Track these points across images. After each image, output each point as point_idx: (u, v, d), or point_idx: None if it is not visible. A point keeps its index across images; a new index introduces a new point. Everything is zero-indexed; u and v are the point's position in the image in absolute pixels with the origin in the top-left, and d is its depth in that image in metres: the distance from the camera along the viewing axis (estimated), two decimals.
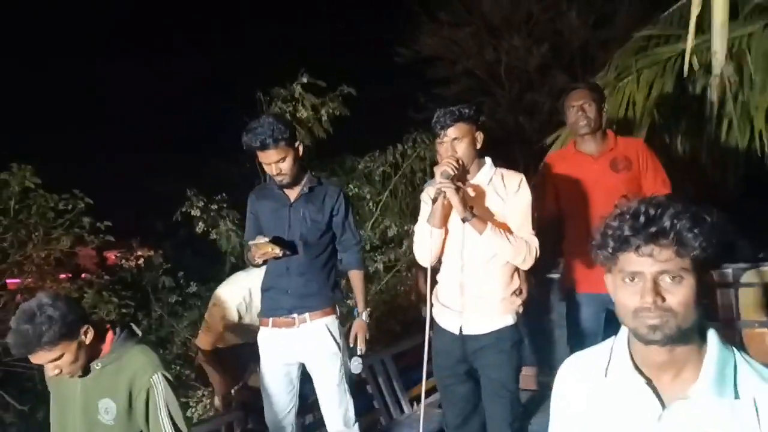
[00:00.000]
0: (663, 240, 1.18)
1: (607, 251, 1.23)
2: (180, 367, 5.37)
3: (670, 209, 1.19)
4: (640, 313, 1.21)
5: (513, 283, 2.52)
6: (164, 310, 5.73)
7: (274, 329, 2.83)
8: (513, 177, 2.53)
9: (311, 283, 2.79)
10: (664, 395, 1.26)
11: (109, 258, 6.71)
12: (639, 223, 1.19)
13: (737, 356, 1.27)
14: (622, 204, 1.24)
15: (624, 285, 1.23)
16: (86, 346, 2.09)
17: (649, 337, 1.21)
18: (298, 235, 2.78)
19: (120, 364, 2.15)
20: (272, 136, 2.63)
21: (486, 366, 2.49)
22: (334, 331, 2.82)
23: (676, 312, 1.19)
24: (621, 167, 2.97)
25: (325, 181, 2.92)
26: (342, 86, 5.71)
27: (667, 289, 1.19)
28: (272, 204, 2.86)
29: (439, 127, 2.46)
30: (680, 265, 1.18)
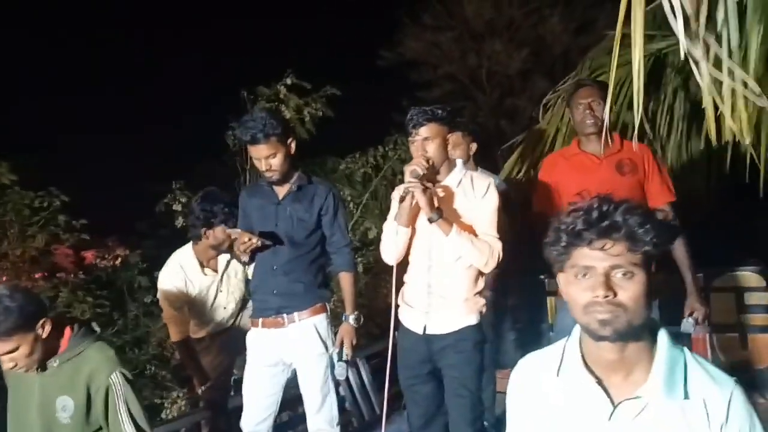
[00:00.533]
0: (615, 234, 1.21)
1: (560, 246, 1.26)
2: (155, 367, 5.32)
3: (622, 205, 1.22)
4: (591, 307, 1.22)
5: (478, 285, 2.54)
6: (140, 310, 5.68)
7: (263, 330, 2.82)
8: (482, 180, 2.55)
9: (297, 282, 2.79)
10: (615, 395, 1.28)
11: (87, 257, 6.63)
12: (592, 218, 1.22)
13: (687, 357, 1.29)
14: (576, 202, 1.27)
15: (576, 281, 1.25)
16: (43, 340, 2.08)
17: (599, 333, 1.23)
18: (285, 233, 2.77)
19: (78, 362, 2.14)
20: (263, 130, 2.64)
21: (448, 366, 2.50)
22: (322, 331, 2.80)
23: (626, 307, 1.21)
24: (627, 170, 2.89)
25: (315, 180, 2.90)
26: (326, 87, 5.71)
27: (619, 284, 1.21)
28: (261, 201, 2.86)
29: (411, 125, 2.48)
30: (632, 260, 1.20)
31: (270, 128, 2.65)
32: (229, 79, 6.34)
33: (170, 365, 5.47)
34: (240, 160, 5.53)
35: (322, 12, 11.28)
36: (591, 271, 1.23)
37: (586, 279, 1.24)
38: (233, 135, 5.45)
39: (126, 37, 10.87)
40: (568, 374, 1.33)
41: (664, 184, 2.94)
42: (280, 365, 2.83)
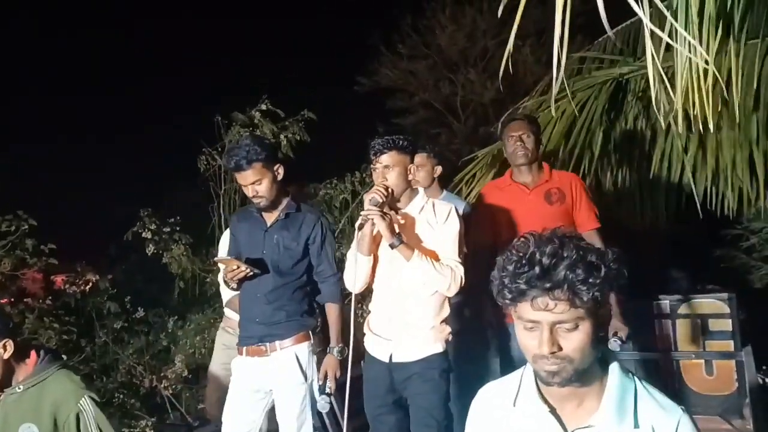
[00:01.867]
0: (557, 293, 1.22)
1: (506, 301, 1.27)
2: (123, 396, 5.22)
3: (564, 260, 1.22)
4: (539, 359, 1.26)
5: (443, 312, 2.55)
6: (109, 336, 5.59)
7: (247, 358, 2.80)
8: (443, 207, 2.59)
9: (280, 311, 2.77)
10: (568, 423, 1.31)
11: (57, 282, 6.53)
12: (534, 275, 1.22)
13: (638, 386, 1.33)
14: (519, 246, 1.28)
15: (524, 330, 1.28)
16: (2, 361, 2.05)
17: (547, 380, 1.26)
18: (271, 262, 2.76)
19: (42, 388, 2.12)
20: (246, 157, 2.64)
21: (414, 395, 2.50)
22: (303, 360, 2.77)
23: (572, 358, 1.24)
24: (555, 199, 3.05)
25: (304, 208, 2.89)
26: (303, 112, 5.73)
27: (564, 337, 1.24)
28: (249, 227, 2.85)
29: (372, 153, 2.52)
30: (575, 315, 1.23)
31: (254, 154, 2.65)
32: (204, 104, 6.35)
33: (139, 393, 5.39)
34: (213, 185, 5.52)
35: (298, 39, 11.40)
36: (536, 325, 1.25)
37: (532, 332, 1.26)
38: (206, 160, 5.44)
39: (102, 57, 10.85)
40: (524, 403, 1.36)
41: (591, 211, 3.09)
42: (261, 392, 2.81)
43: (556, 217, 2.96)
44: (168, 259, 5.43)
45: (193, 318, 5.70)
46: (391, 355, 2.53)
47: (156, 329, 5.83)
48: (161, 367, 5.51)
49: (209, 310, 5.75)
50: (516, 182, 3.13)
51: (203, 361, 5.47)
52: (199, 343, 5.40)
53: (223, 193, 5.52)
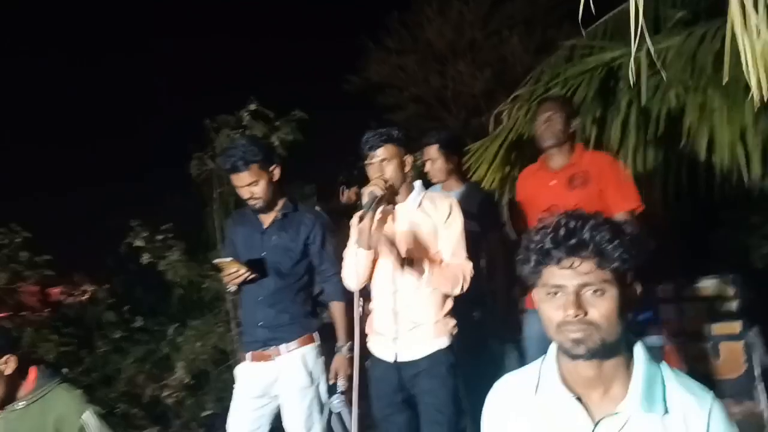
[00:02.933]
0: (583, 252, 1.20)
1: (530, 265, 1.25)
2: (126, 405, 5.17)
3: (590, 222, 1.21)
4: (564, 326, 1.22)
5: (446, 305, 2.52)
6: (109, 346, 5.53)
7: (253, 363, 2.76)
8: (443, 201, 2.55)
9: (283, 314, 2.73)
10: (594, 411, 1.27)
11: (53, 294, 6.46)
12: (559, 236, 1.21)
13: (665, 371, 1.30)
14: (546, 218, 1.26)
15: (548, 299, 1.25)
16: (5, 377, 2.02)
17: (573, 351, 1.22)
18: (270, 264, 2.72)
19: (44, 403, 2.09)
20: (243, 158, 2.61)
21: (422, 392, 2.46)
22: (309, 363, 2.73)
23: (598, 325, 1.20)
24: (577, 184, 2.92)
25: (301, 207, 2.85)
26: (294, 111, 5.68)
27: (590, 302, 1.21)
28: (246, 229, 2.82)
29: (368, 147, 2.49)
30: (601, 278, 1.20)
31: (250, 155, 2.62)
32: (192, 108, 6.28)
33: (141, 402, 5.34)
34: (206, 189, 5.47)
35: (284, 38, 11.33)
36: (561, 289, 1.22)
37: (557, 297, 1.23)
38: (197, 165, 5.39)
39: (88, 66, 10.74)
40: (547, 392, 1.32)
41: (621, 191, 2.95)
42: (265, 398, 2.77)
43: (579, 202, 2.87)
44: (164, 267, 5.38)
45: (193, 324, 5.66)
46: (396, 354, 2.48)
47: (156, 337, 5.78)
48: (163, 375, 5.47)
49: (209, 315, 5.71)
50: (544, 166, 3.04)
51: (204, 367, 5.44)
52: (199, 349, 5.35)
53: (216, 197, 5.46)
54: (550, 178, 2.99)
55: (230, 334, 5.43)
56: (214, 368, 5.51)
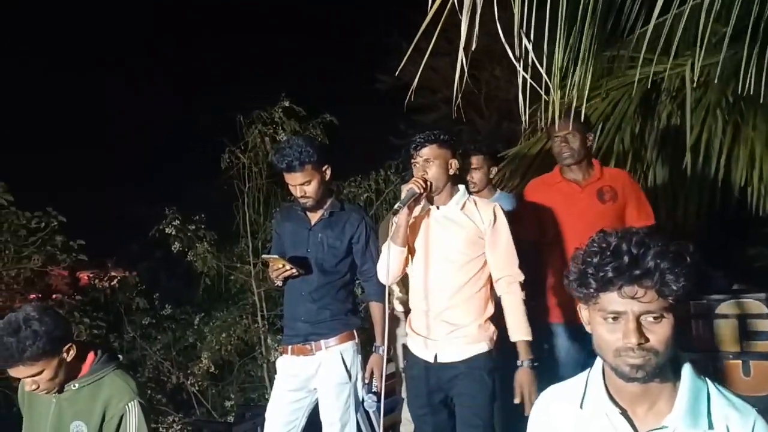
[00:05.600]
0: (647, 282, 1.19)
1: (589, 290, 1.24)
2: (151, 391, 5.26)
3: (651, 249, 1.19)
4: (623, 352, 1.22)
5: (488, 311, 2.51)
6: (137, 332, 5.62)
7: (293, 356, 2.80)
8: (487, 206, 2.54)
9: (324, 310, 2.76)
10: (640, 426, 1.28)
11: (83, 278, 6.59)
12: (623, 264, 1.19)
13: (710, 387, 1.30)
14: (599, 239, 1.25)
15: (605, 323, 1.24)
16: (66, 364, 2.07)
17: (631, 375, 1.22)
18: (315, 260, 2.76)
19: (97, 387, 2.13)
20: (299, 158, 2.64)
21: (460, 395, 2.45)
22: (348, 360, 2.75)
23: (657, 351, 1.21)
24: (607, 198, 2.94)
25: (348, 207, 2.88)
26: (324, 114, 5.71)
27: (649, 329, 1.21)
28: (293, 226, 2.86)
29: (413, 147, 2.50)
30: (662, 305, 1.19)
31: (306, 156, 2.64)
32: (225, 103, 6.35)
33: (166, 389, 5.42)
34: (238, 182, 5.53)
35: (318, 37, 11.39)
36: (622, 315, 1.21)
37: (616, 323, 1.23)
38: (229, 158, 5.45)
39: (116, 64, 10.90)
40: (592, 405, 1.32)
41: (644, 207, 2.99)
42: (303, 391, 2.80)
43: (608, 216, 2.87)
44: (193, 257, 5.46)
45: (218, 315, 5.73)
46: (435, 355, 2.49)
47: (182, 326, 5.86)
48: (187, 364, 5.55)
49: (233, 307, 5.78)
50: (566, 179, 3.03)
51: (229, 357, 5.51)
52: (224, 339, 5.42)
53: (247, 191, 5.52)
54: (576, 190, 3.00)
55: (255, 326, 5.49)
56: (238, 359, 5.58)
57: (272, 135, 5.44)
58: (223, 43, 10.92)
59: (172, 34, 11.15)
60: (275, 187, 5.49)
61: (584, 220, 2.86)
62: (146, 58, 10.89)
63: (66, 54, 10.49)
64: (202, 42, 10.94)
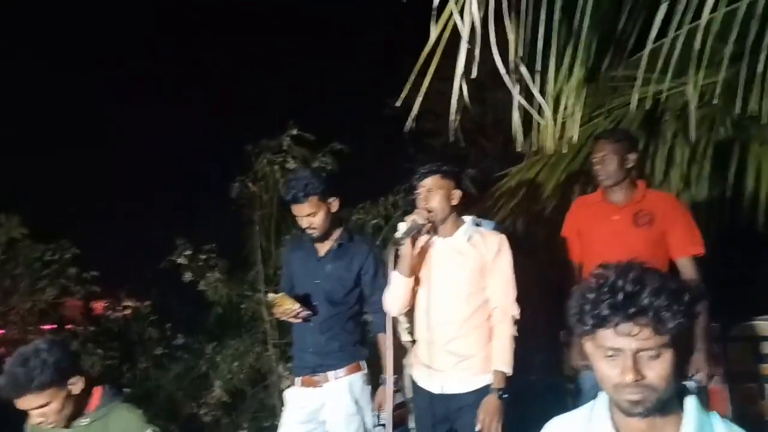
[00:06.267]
0: (642, 319, 1.19)
1: (586, 327, 1.25)
2: (164, 421, 5.24)
3: (647, 286, 1.20)
4: (621, 388, 1.23)
5: None
6: (150, 362, 5.64)
7: (302, 388, 2.83)
8: (492, 237, 2.57)
9: (333, 341, 2.79)
10: None
11: (97, 309, 6.64)
12: (617, 302, 1.20)
13: (714, 420, 1.29)
14: (598, 274, 1.26)
15: (604, 359, 1.25)
16: (74, 397, 2.10)
17: (630, 411, 1.23)
18: (324, 291, 2.79)
19: (107, 421, 2.15)
20: (304, 190, 2.70)
21: (465, 426, 2.46)
22: (356, 391, 2.77)
23: (656, 387, 1.21)
24: (643, 222, 2.85)
25: (356, 238, 2.93)
26: (333, 143, 5.75)
27: (647, 365, 1.21)
28: (302, 256, 2.91)
29: (416, 178, 2.54)
30: (659, 342, 1.20)
31: (311, 188, 2.70)
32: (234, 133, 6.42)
33: (179, 419, 5.41)
34: (248, 211, 5.57)
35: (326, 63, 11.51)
36: (618, 352, 1.22)
37: (613, 359, 1.23)
38: (239, 187, 5.51)
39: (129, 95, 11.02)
40: None
41: (686, 235, 2.87)
42: (312, 422, 2.81)
43: (643, 241, 2.79)
44: (204, 286, 5.48)
45: (231, 343, 5.73)
46: (442, 386, 2.49)
47: (195, 355, 5.86)
48: (200, 393, 5.54)
49: (246, 335, 5.78)
50: (606, 200, 2.97)
51: (241, 386, 5.49)
52: (236, 368, 5.42)
53: (257, 219, 5.56)
54: (613, 212, 2.92)
55: (267, 355, 5.49)
56: (251, 388, 5.56)
57: (281, 163, 5.49)
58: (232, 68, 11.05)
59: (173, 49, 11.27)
60: (286, 215, 5.52)
61: (618, 244, 2.76)
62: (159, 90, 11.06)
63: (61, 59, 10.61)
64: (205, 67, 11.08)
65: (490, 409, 2.38)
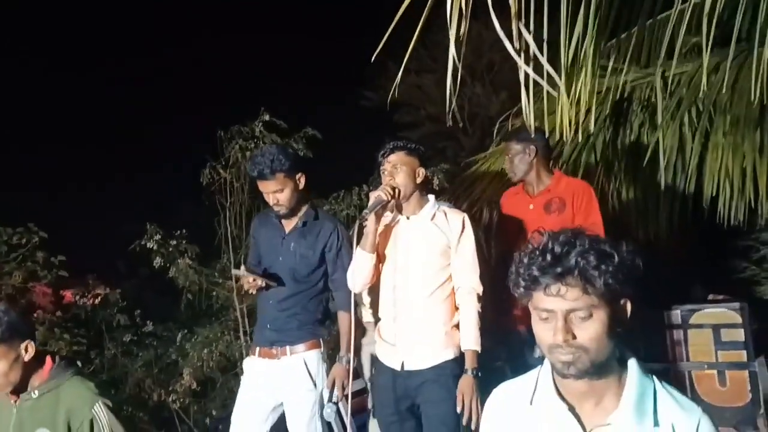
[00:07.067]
0: (569, 279, 1.23)
1: (520, 290, 1.28)
2: (132, 408, 5.21)
3: (576, 247, 1.23)
4: (554, 349, 1.26)
5: (454, 318, 2.55)
6: (118, 349, 5.59)
7: (259, 359, 2.84)
8: (456, 215, 2.59)
9: (292, 319, 2.79)
10: (586, 422, 1.30)
11: (66, 296, 6.56)
12: (546, 263, 1.23)
13: (657, 385, 1.32)
14: (535, 239, 1.29)
15: (539, 321, 1.28)
16: (23, 363, 2.08)
17: (563, 372, 1.26)
18: (288, 269, 2.79)
19: (58, 394, 2.14)
20: (270, 166, 2.69)
21: (426, 402, 2.48)
22: (313, 368, 2.78)
23: (587, 348, 1.24)
24: (553, 209, 3.05)
25: (322, 216, 2.92)
26: (306, 128, 5.74)
27: (578, 326, 1.24)
28: (268, 233, 2.91)
29: (381, 154, 2.55)
30: (589, 303, 1.23)
31: (278, 164, 2.69)
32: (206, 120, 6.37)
33: (148, 406, 5.38)
34: (220, 198, 5.54)
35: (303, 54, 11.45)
36: (550, 314, 1.25)
37: (547, 321, 1.26)
38: (210, 174, 5.47)
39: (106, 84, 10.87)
40: (541, 402, 1.35)
41: (589, 220, 3.01)
42: (270, 397, 2.82)
43: (555, 228, 2.91)
44: (175, 273, 5.44)
45: (201, 331, 5.70)
46: (402, 362, 2.51)
47: (165, 342, 5.83)
48: (169, 381, 5.51)
49: (216, 323, 5.76)
50: (524, 191, 3.19)
51: (211, 374, 5.48)
52: (206, 356, 5.39)
53: (229, 206, 5.53)
54: (529, 203, 3.12)
55: (237, 343, 5.47)
56: (220, 376, 5.55)
57: (253, 150, 5.46)
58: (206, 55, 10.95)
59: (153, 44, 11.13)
60: (257, 203, 5.50)
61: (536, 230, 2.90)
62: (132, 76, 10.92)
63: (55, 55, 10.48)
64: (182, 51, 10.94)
65: (468, 389, 2.42)
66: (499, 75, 9.86)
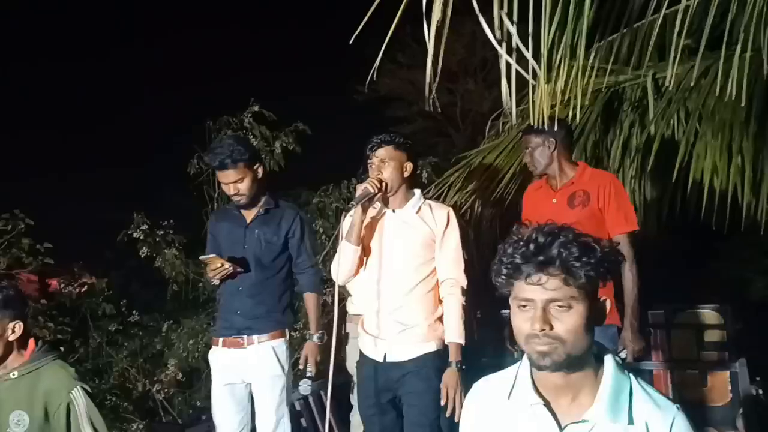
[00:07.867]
0: (550, 268, 1.23)
1: (501, 278, 1.28)
2: (116, 398, 5.20)
3: (559, 238, 1.24)
4: (530, 339, 1.26)
5: (438, 311, 2.55)
6: (103, 338, 5.57)
7: (224, 349, 2.85)
8: (441, 209, 2.60)
9: (261, 305, 2.82)
10: (562, 417, 1.31)
11: (52, 284, 6.51)
12: (529, 252, 1.24)
13: (633, 383, 1.33)
14: (520, 231, 1.29)
15: (518, 311, 1.28)
16: (7, 342, 2.09)
17: (539, 363, 1.26)
18: (253, 256, 2.83)
19: (36, 377, 2.14)
20: (231, 156, 2.71)
21: (407, 394, 2.49)
22: (280, 355, 2.82)
23: (564, 339, 1.24)
24: (577, 203, 2.91)
25: (282, 203, 2.96)
26: (297, 122, 5.73)
27: (556, 317, 1.24)
28: (229, 225, 2.92)
29: (369, 147, 2.55)
30: (568, 294, 1.23)
31: (237, 154, 2.72)
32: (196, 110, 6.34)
33: (132, 396, 5.36)
34: (207, 188, 5.52)
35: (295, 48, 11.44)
36: (530, 303, 1.26)
37: (526, 311, 1.27)
38: (198, 163, 5.45)
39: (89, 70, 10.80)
40: (519, 397, 1.35)
41: (620, 213, 2.91)
42: (240, 383, 2.85)
43: (579, 222, 2.70)
44: (161, 263, 5.42)
45: (187, 322, 5.69)
46: (385, 354, 2.52)
47: (150, 333, 5.81)
48: (154, 371, 5.50)
49: (202, 314, 5.74)
50: (547, 184, 3.06)
51: (196, 365, 5.47)
52: (192, 347, 5.39)
53: (216, 197, 5.51)
54: (552, 197, 3.00)
55: None
56: (205, 366, 5.53)
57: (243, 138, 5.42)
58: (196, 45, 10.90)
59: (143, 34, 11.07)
60: None
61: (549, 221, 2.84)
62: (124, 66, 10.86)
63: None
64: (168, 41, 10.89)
65: (452, 382, 2.43)
66: (492, 72, 9.90)
